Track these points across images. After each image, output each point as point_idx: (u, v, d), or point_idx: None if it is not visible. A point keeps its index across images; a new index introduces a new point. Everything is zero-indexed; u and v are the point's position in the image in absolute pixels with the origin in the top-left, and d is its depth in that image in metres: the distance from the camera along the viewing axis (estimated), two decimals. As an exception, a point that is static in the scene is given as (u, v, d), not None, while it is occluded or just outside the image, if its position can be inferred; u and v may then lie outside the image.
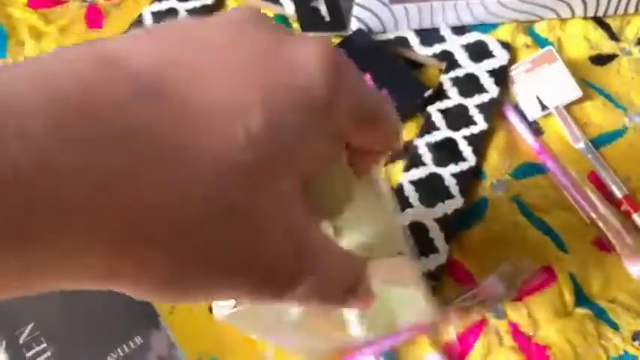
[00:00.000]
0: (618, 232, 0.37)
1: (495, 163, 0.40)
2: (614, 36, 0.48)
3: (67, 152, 0.12)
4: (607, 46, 0.47)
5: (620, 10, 0.48)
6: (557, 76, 0.42)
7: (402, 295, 0.28)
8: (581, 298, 0.35)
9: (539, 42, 0.47)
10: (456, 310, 0.34)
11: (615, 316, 0.35)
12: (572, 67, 0.44)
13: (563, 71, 0.42)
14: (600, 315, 0.35)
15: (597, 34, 0.47)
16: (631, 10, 0.48)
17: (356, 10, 0.43)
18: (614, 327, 0.34)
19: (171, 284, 0.14)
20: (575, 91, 0.42)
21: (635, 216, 0.38)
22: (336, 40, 0.44)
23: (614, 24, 0.48)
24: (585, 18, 0.48)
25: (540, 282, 0.36)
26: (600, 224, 0.38)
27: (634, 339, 0.34)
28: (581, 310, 0.35)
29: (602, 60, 0.46)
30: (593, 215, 0.38)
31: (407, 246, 0.24)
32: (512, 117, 0.42)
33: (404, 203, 0.37)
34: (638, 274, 0.36)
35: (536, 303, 0.35)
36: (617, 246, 0.37)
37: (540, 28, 0.47)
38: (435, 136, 0.40)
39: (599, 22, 0.48)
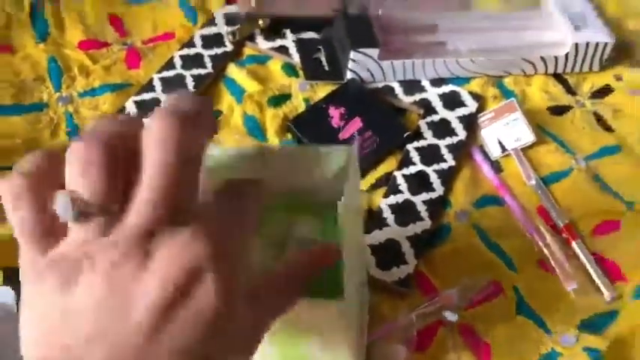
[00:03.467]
0: (559, 257, 0.45)
1: (460, 194, 0.48)
2: (570, 90, 0.56)
3: None
4: (564, 99, 0.55)
5: (577, 69, 0.57)
6: (516, 123, 0.51)
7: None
8: (523, 307, 0.43)
9: (506, 94, 0.55)
10: (419, 314, 0.42)
11: (551, 324, 0.42)
12: (533, 115, 0.53)
13: (521, 120, 0.51)
14: (538, 322, 0.42)
15: (556, 89, 0.56)
16: (586, 68, 0.57)
17: (351, 64, 0.52)
18: (549, 332, 0.42)
19: None
20: (529, 137, 0.50)
21: (574, 243, 0.46)
22: (334, 87, 0.53)
23: (571, 80, 0.57)
24: (547, 74, 0.57)
25: (489, 293, 0.43)
26: (544, 250, 0.46)
27: (563, 340, 0.41)
28: (522, 318, 0.43)
29: (558, 110, 0.55)
30: (540, 242, 0.46)
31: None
32: (477, 156, 0.50)
33: (382, 223, 0.45)
34: (571, 291, 0.44)
35: (485, 310, 0.43)
36: (557, 268, 0.45)
37: (508, 82, 0.56)
38: (411, 170, 0.48)
39: (559, 78, 0.57)
